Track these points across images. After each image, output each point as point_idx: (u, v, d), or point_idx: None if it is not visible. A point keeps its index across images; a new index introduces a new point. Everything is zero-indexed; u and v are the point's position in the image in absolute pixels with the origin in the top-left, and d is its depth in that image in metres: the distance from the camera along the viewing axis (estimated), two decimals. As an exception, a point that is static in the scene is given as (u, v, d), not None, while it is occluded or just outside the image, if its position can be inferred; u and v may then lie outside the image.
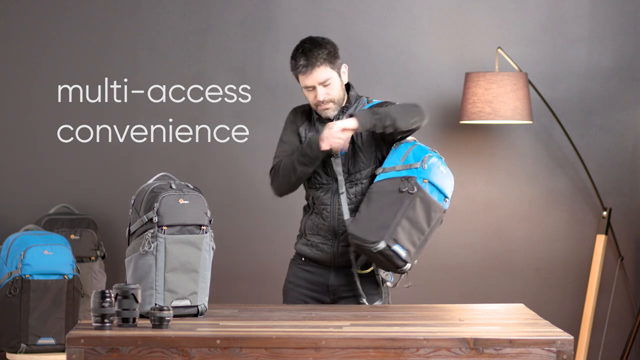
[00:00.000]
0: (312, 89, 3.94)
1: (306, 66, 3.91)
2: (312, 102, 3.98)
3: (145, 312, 3.42)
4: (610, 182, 5.72)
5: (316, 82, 3.92)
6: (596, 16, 5.69)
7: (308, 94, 3.97)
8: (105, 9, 5.64)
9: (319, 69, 3.92)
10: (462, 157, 5.70)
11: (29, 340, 4.78)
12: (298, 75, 3.95)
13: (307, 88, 3.95)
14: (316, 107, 3.98)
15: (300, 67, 3.92)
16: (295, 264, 4.13)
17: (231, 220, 5.60)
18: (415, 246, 3.88)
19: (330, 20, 5.64)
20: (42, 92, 5.64)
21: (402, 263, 3.85)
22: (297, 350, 3.16)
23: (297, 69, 3.94)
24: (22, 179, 5.63)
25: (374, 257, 3.85)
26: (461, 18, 5.69)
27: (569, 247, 5.73)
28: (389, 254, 3.81)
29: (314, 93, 3.94)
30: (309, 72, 3.91)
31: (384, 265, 3.89)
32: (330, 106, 3.97)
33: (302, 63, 3.91)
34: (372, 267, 4.01)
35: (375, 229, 3.84)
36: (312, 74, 3.92)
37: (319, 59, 3.92)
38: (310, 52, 3.91)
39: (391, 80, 5.67)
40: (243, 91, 5.67)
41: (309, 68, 3.91)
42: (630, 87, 5.71)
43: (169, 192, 3.52)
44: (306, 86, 3.94)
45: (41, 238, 4.86)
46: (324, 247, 4.03)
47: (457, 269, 5.71)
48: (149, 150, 5.65)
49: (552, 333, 3.28)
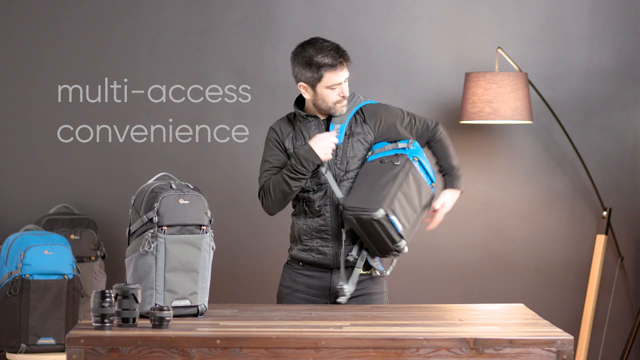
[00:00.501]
0: (336, 87, 3.95)
1: (342, 62, 3.93)
2: (333, 101, 3.96)
3: (145, 312, 3.42)
4: (610, 182, 5.72)
5: (344, 78, 3.95)
6: (596, 16, 5.69)
7: (330, 92, 3.95)
8: (105, 9, 5.64)
9: (346, 66, 3.97)
10: (462, 157, 5.68)
11: (29, 340, 4.78)
12: (327, 73, 3.92)
13: (331, 86, 3.94)
14: (335, 106, 3.98)
15: (337, 64, 3.92)
16: (291, 269, 4.10)
17: (231, 220, 5.60)
18: (409, 223, 3.90)
19: (330, 20, 5.64)
20: (42, 92, 5.64)
21: (399, 237, 3.84)
22: (297, 350, 3.16)
23: (328, 67, 3.92)
24: (22, 179, 5.63)
25: (371, 231, 3.83)
26: (461, 18, 5.69)
27: (569, 247, 5.73)
28: (386, 225, 3.81)
29: (339, 89, 3.95)
30: (341, 68, 3.94)
31: (379, 242, 3.86)
32: (346, 102, 4.00)
33: (339, 59, 3.93)
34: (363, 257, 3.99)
35: (373, 198, 3.86)
36: (343, 70, 3.95)
37: (347, 54, 3.97)
38: (339, 49, 3.95)
39: (391, 80, 5.67)
40: (243, 91, 5.67)
41: (343, 65, 3.94)
42: (630, 87, 5.71)
43: (169, 192, 3.52)
44: (334, 84, 3.94)
45: (41, 238, 4.86)
46: (324, 249, 4.02)
47: (457, 269, 5.71)
48: (149, 150, 5.65)
49: (552, 333, 3.28)
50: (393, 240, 3.85)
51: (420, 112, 5.67)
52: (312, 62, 3.92)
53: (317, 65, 3.91)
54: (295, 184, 3.94)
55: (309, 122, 4.03)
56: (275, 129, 4.07)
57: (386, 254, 3.95)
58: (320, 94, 3.96)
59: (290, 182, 3.94)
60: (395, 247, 3.87)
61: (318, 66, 3.91)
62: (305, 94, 3.99)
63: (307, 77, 3.94)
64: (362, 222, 3.85)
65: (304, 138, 4.02)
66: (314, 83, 3.94)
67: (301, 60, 3.95)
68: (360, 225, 3.87)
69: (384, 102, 4.34)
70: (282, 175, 3.95)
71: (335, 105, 3.97)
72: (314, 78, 3.93)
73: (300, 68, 3.96)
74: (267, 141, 4.08)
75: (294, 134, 4.04)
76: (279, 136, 4.05)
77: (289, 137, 4.04)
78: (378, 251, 3.94)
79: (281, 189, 3.95)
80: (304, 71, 3.94)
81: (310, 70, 3.93)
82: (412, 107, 5.67)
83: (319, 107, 4.00)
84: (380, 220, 3.81)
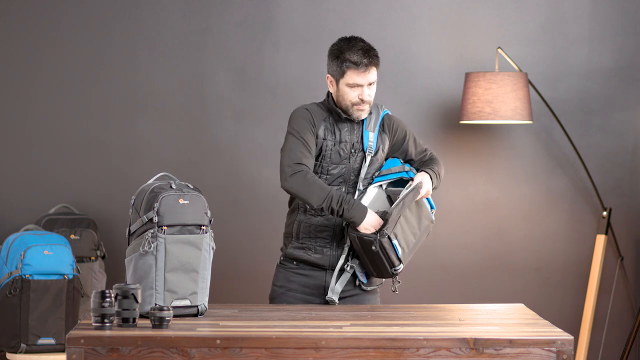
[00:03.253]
0: (357, 87, 3.92)
1: (367, 65, 3.90)
2: (351, 101, 3.93)
3: (145, 312, 3.42)
4: (610, 182, 5.72)
5: (367, 82, 3.92)
6: (596, 16, 5.69)
7: (350, 92, 3.92)
8: (105, 9, 5.64)
9: (375, 69, 3.93)
10: (462, 157, 5.70)
11: (29, 340, 4.78)
12: (348, 70, 3.90)
13: (352, 85, 3.92)
14: (352, 107, 3.94)
15: (360, 65, 3.89)
16: (285, 269, 4.08)
17: (231, 220, 5.60)
18: (408, 247, 3.90)
19: (330, 20, 5.64)
20: (42, 92, 5.64)
21: (398, 261, 3.84)
22: (297, 350, 3.16)
23: (353, 65, 3.89)
24: (22, 179, 5.63)
25: (373, 253, 3.84)
26: (461, 18, 5.69)
27: (569, 247, 5.73)
28: (388, 249, 3.81)
29: (359, 91, 3.92)
30: (367, 70, 3.91)
31: (378, 264, 3.87)
32: (367, 108, 3.96)
33: (364, 61, 3.89)
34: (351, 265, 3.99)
35: None
36: (368, 72, 3.91)
37: (377, 59, 3.94)
38: (369, 51, 3.92)
39: (391, 80, 5.67)
40: (243, 91, 5.67)
41: (368, 67, 3.91)
42: (630, 87, 5.71)
43: (169, 192, 3.52)
44: (355, 83, 3.91)
45: (41, 238, 4.86)
46: (323, 249, 4.01)
47: (457, 269, 5.71)
48: (149, 150, 5.65)
49: (552, 333, 3.28)
50: (392, 264, 3.85)
51: (420, 112, 5.70)
52: (340, 57, 3.92)
53: (343, 60, 3.91)
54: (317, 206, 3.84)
55: (343, 122, 4.00)
56: (309, 111, 3.98)
57: (383, 276, 3.95)
58: (341, 90, 3.94)
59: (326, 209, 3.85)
60: (393, 270, 3.87)
61: (343, 61, 3.91)
62: (331, 87, 3.98)
63: (333, 70, 3.95)
64: (364, 242, 3.85)
65: (334, 135, 3.97)
66: (338, 78, 3.93)
67: (333, 52, 3.96)
68: (362, 245, 3.87)
69: (384, 102, 4.35)
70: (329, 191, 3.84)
71: (352, 107, 3.94)
72: (338, 72, 3.93)
73: (330, 60, 3.97)
74: (299, 120, 3.96)
75: (327, 124, 3.98)
76: (314, 119, 3.97)
77: (323, 125, 3.97)
78: (376, 272, 3.93)
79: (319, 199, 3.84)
80: (332, 63, 3.95)
81: (337, 64, 3.93)
82: (412, 107, 5.68)
83: (339, 104, 3.97)
84: (382, 243, 3.82)
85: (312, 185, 3.85)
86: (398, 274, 3.89)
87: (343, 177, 3.99)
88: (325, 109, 4.01)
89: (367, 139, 3.99)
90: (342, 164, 3.98)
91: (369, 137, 3.99)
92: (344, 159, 3.98)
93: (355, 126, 4.00)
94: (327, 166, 3.97)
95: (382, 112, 4.05)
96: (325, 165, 3.97)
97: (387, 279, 3.99)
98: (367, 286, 4.01)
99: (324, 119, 3.98)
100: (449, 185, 5.63)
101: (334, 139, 3.97)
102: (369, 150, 3.98)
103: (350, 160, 3.99)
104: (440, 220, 5.33)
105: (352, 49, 3.91)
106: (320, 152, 3.96)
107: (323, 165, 3.96)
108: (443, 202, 5.42)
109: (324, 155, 3.96)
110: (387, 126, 4.05)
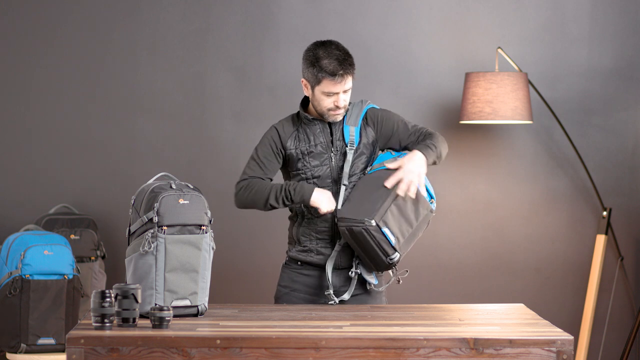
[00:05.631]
0: (332, 95, 3.94)
1: (342, 75, 3.91)
2: (327, 107, 3.96)
3: (145, 312, 3.42)
4: (610, 182, 5.72)
5: (342, 89, 3.94)
6: (596, 16, 5.69)
7: (325, 99, 3.95)
8: (105, 9, 5.64)
9: (349, 78, 3.95)
10: (462, 157, 5.70)
11: (29, 340, 4.78)
12: (324, 80, 3.92)
13: (327, 93, 3.94)
14: (327, 112, 3.97)
15: (336, 76, 3.90)
16: (290, 269, 4.09)
17: (231, 220, 5.60)
18: (403, 237, 3.88)
19: (330, 20, 5.64)
20: (42, 92, 5.64)
21: (392, 250, 3.83)
22: (297, 350, 3.16)
23: (328, 76, 3.90)
24: (22, 179, 5.63)
25: (364, 244, 3.82)
26: (461, 18, 5.69)
27: (569, 247, 5.73)
28: (379, 237, 3.80)
29: (334, 99, 3.94)
30: (340, 80, 3.92)
31: (373, 255, 3.85)
32: (341, 111, 3.98)
33: (339, 72, 3.90)
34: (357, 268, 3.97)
35: (365, 208, 3.84)
36: (344, 82, 3.93)
37: (352, 69, 3.95)
38: (345, 61, 3.92)
39: (391, 80, 5.67)
40: (243, 91, 5.67)
41: (343, 77, 3.92)
42: (630, 87, 5.71)
43: (169, 192, 3.52)
44: (330, 92, 3.93)
45: (41, 238, 4.86)
46: (324, 250, 4.02)
47: (457, 269, 5.71)
48: (149, 150, 5.65)
49: (552, 333, 3.28)
50: (386, 253, 3.84)
51: (420, 112, 5.69)
52: (316, 64, 3.93)
53: (319, 69, 3.92)
54: (274, 204, 3.94)
55: (314, 125, 4.03)
56: (277, 129, 4.06)
57: (382, 268, 3.93)
58: (316, 96, 3.97)
59: (272, 201, 3.94)
60: (388, 260, 3.86)
61: (319, 70, 3.92)
62: (306, 90, 4.00)
63: (309, 76, 3.96)
64: (354, 234, 3.84)
65: (308, 140, 4.01)
66: (313, 85, 3.95)
67: (308, 58, 3.96)
68: (353, 237, 3.85)
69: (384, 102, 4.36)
70: (272, 188, 3.94)
71: (328, 112, 3.97)
72: (313, 80, 3.94)
73: (305, 65, 3.97)
74: (264, 138, 4.07)
75: (297, 134, 4.03)
76: (280, 136, 4.03)
77: (292, 137, 4.03)
78: (374, 265, 3.92)
79: (262, 197, 3.95)
80: (307, 70, 3.96)
81: (312, 72, 3.94)
82: (412, 107, 5.68)
83: (315, 108, 4.00)
84: (370, 231, 3.80)
85: (252, 189, 3.96)
86: (395, 264, 3.88)
87: (331, 178, 4.00)
88: (297, 118, 4.06)
89: (347, 134, 4.00)
90: (325, 165, 4.00)
91: (349, 131, 4.00)
92: (325, 159, 4.00)
93: (326, 125, 4.03)
94: (310, 170, 4.00)
95: (366, 107, 4.06)
96: (309, 170, 4.00)
97: (386, 270, 3.96)
98: (377, 287, 4.00)
99: (293, 130, 4.03)
100: (449, 185, 5.64)
101: (307, 144, 4.01)
102: (351, 145, 3.99)
103: (333, 159, 3.99)
104: (440, 220, 5.33)
105: (328, 58, 3.91)
106: (296, 159, 4.00)
107: (306, 171, 4.01)
108: (443, 202, 5.42)
109: (302, 161, 3.99)
110: (370, 119, 4.06)
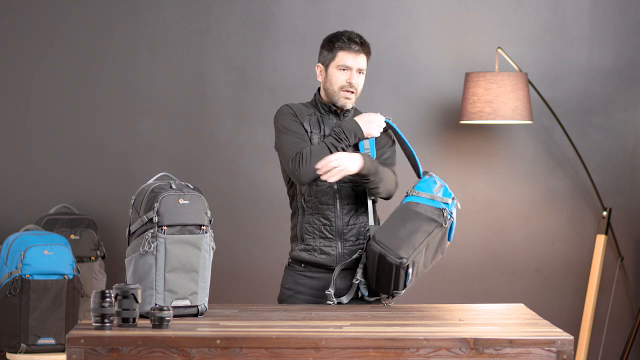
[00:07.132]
0: (347, 70, 3.95)
1: (359, 50, 3.95)
2: (339, 85, 3.96)
3: (145, 312, 3.42)
4: (610, 182, 5.72)
5: (357, 66, 3.96)
6: (596, 16, 5.69)
7: (338, 74, 3.95)
8: (105, 9, 5.64)
9: (366, 57, 3.98)
10: (462, 157, 5.70)
11: (29, 340, 4.78)
12: (340, 52, 3.94)
13: (342, 67, 3.95)
14: (339, 91, 3.96)
15: (353, 45, 3.94)
16: (293, 271, 4.07)
17: (231, 220, 5.60)
18: (416, 277, 3.89)
19: (330, 20, 5.65)
20: (42, 92, 5.64)
21: (403, 287, 3.84)
22: (297, 350, 3.16)
23: (345, 45, 3.93)
24: (22, 179, 5.64)
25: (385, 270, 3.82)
26: (461, 18, 5.69)
27: (569, 247, 5.73)
28: (401, 274, 3.80)
29: (348, 74, 3.95)
30: (358, 54, 3.95)
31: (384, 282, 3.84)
32: (352, 97, 3.99)
33: (356, 43, 3.94)
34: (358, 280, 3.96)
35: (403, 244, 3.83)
36: (360, 57, 3.96)
37: (368, 49, 3.99)
38: (360, 38, 3.97)
39: (391, 80, 5.67)
40: (243, 91, 5.67)
41: (360, 52, 3.96)
42: (630, 87, 5.71)
43: (169, 192, 3.52)
44: (344, 65, 3.94)
45: (41, 238, 4.86)
46: (328, 249, 4.00)
47: (457, 269, 5.71)
48: (149, 150, 5.65)
49: (552, 333, 3.28)
50: (397, 287, 3.85)
51: (420, 112, 5.70)
52: (332, 41, 3.98)
53: (336, 41, 3.96)
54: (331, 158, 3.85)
55: (329, 117, 4.02)
56: (291, 107, 4.02)
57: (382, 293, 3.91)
58: (330, 75, 3.97)
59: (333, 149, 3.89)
60: (393, 292, 3.86)
61: (334, 44, 3.96)
62: (319, 76, 4.01)
63: (324, 56, 3.99)
64: (384, 261, 3.82)
65: (320, 129, 4.00)
66: (328, 62, 3.97)
67: (324, 42, 4.01)
68: (380, 262, 3.84)
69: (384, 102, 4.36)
70: (326, 146, 3.89)
71: (339, 92, 3.96)
72: (329, 57, 3.97)
73: (322, 50, 4.02)
74: (283, 115, 4.00)
75: (310, 118, 4.00)
76: (296, 114, 4.00)
77: (308, 119, 4.00)
78: (377, 286, 3.90)
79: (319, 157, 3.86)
80: (323, 51, 4.00)
81: (328, 48, 3.98)
82: (412, 107, 5.68)
83: (327, 92, 3.98)
84: (399, 268, 3.80)
85: (310, 157, 3.88)
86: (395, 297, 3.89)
87: None
88: (311, 106, 4.05)
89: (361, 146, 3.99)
90: None
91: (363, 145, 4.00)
92: None
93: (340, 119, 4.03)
94: None
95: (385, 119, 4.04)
96: None
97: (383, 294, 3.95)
98: (368, 298, 3.99)
99: (308, 114, 4.02)
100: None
101: (319, 133, 3.99)
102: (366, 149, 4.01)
103: None
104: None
105: (345, 35, 3.97)
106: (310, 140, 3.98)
107: None
108: (443, 202, 5.42)
109: None
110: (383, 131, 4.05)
